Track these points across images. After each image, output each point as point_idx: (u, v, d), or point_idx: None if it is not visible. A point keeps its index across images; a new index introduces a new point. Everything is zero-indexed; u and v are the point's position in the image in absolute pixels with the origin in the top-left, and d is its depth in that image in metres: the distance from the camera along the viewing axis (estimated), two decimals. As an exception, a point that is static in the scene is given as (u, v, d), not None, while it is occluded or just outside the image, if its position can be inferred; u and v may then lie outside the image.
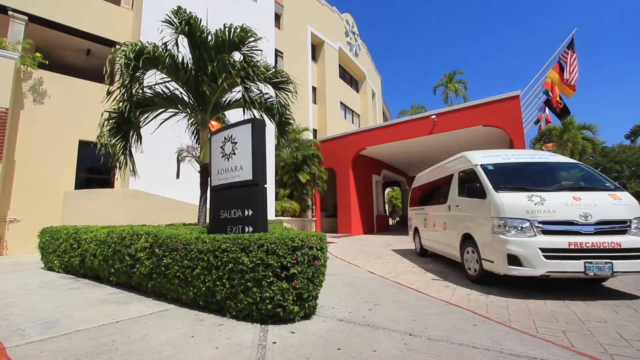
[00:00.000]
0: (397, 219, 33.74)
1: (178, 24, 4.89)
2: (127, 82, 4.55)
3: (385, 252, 8.73)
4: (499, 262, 4.12)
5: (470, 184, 4.96)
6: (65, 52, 11.35)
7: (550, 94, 11.66)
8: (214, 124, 5.55)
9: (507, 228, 4.08)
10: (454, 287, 4.56)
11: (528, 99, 11.82)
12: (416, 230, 8.16)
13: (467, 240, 4.99)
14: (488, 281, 4.62)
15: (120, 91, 4.72)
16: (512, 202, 4.18)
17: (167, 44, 4.99)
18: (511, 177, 4.80)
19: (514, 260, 3.96)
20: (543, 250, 3.84)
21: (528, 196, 4.20)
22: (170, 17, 4.93)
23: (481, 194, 4.64)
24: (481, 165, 4.99)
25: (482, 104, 11.66)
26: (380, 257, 7.85)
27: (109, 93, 4.80)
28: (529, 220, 4.01)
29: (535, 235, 3.94)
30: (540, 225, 3.96)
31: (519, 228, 4.02)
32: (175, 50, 5.05)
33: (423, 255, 7.74)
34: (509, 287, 4.48)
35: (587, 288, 4.44)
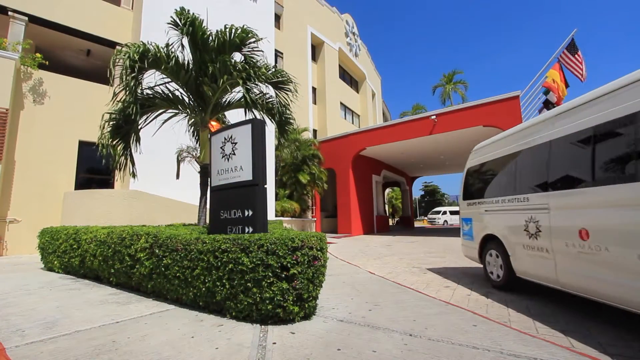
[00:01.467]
0: (397, 219, 33.75)
1: (182, 25, 4.88)
2: (131, 83, 4.56)
3: (385, 253, 8.73)
4: None
5: None
6: (65, 52, 11.36)
7: (551, 92, 11.65)
8: (214, 124, 5.55)
9: None
10: (454, 287, 4.56)
11: (528, 99, 11.82)
12: (491, 240, 4.60)
13: None
14: None
15: (125, 92, 4.71)
16: None
17: (170, 44, 4.98)
18: None
19: None
20: None
21: None
22: (174, 18, 4.92)
23: None
24: None
25: (482, 104, 11.69)
26: (380, 257, 7.84)
27: (114, 95, 4.80)
28: None
29: None
30: None
31: None
32: (178, 51, 5.05)
33: (509, 289, 4.24)
34: (509, 287, 4.45)
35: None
